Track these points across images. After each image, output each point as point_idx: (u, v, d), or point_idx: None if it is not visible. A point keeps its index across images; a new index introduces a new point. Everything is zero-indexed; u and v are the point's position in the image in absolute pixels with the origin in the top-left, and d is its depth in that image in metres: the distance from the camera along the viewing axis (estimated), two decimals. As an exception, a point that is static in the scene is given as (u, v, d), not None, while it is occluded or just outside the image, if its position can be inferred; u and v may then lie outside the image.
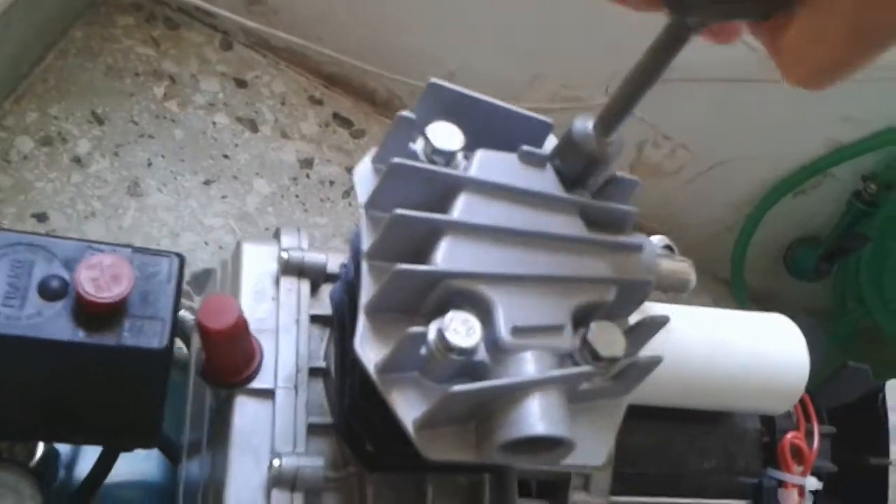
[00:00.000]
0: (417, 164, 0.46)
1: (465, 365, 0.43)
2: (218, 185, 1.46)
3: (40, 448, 0.62)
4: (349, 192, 1.57)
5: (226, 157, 1.49)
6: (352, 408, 0.51)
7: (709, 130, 1.55)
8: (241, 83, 1.59)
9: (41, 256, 0.46)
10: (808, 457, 0.73)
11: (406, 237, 0.45)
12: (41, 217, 1.30)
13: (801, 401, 0.73)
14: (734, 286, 1.70)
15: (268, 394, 0.55)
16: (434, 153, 0.48)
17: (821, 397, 0.76)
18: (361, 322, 0.44)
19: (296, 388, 0.56)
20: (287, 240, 0.61)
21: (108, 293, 0.44)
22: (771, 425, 0.72)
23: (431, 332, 0.42)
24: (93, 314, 0.45)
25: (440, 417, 0.42)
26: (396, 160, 0.45)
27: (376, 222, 0.48)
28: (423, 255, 0.46)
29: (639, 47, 0.41)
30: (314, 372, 0.58)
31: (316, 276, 0.61)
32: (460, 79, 1.60)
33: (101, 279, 0.45)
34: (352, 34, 1.58)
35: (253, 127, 1.55)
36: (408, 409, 0.43)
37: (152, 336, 0.46)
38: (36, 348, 0.44)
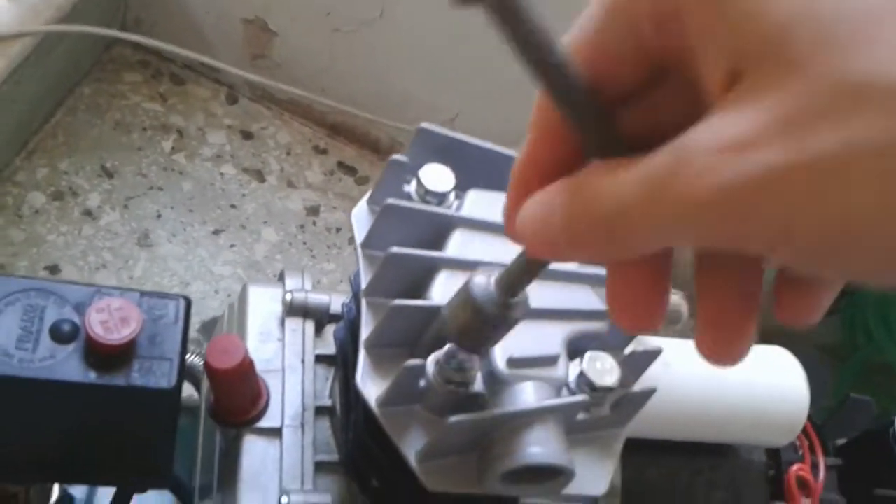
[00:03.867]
0: (410, 204, 0.48)
1: (464, 396, 0.44)
2: (226, 235, 1.48)
3: (55, 492, 0.63)
4: (355, 238, 1.59)
5: (233, 206, 1.52)
6: (356, 443, 0.52)
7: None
8: (247, 135, 1.62)
9: (52, 301, 0.48)
10: (814, 489, 0.73)
11: (402, 274, 0.47)
12: (53, 269, 1.33)
13: (806, 433, 0.74)
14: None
15: (275, 432, 0.56)
16: (427, 194, 0.50)
17: (826, 430, 0.77)
18: (362, 357, 0.46)
19: (302, 426, 0.57)
20: (291, 282, 0.63)
21: (118, 335, 0.46)
22: (776, 458, 0.73)
23: (430, 364, 0.44)
24: (103, 356, 0.46)
25: (441, 449, 0.43)
26: (390, 200, 0.47)
27: (373, 261, 0.49)
28: (419, 291, 0.47)
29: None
30: (320, 410, 0.59)
31: (320, 317, 0.62)
32: (460, 125, 1.64)
33: (111, 321, 0.46)
34: (354, 85, 1.61)
35: (259, 177, 1.58)
36: (410, 441, 0.44)
37: (161, 376, 0.48)
38: (49, 390, 0.45)
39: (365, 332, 0.46)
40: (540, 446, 0.42)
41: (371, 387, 0.45)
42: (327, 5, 1.50)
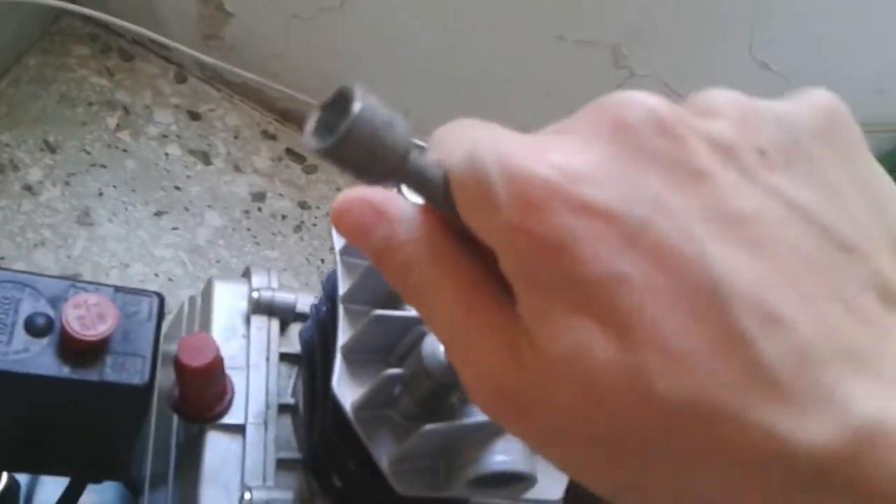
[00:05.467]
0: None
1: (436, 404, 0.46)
2: (169, 217, 1.46)
3: (3, 479, 0.62)
4: (300, 226, 1.58)
5: (178, 188, 1.50)
6: (322, 443, 0.54)
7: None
8: (194, 115, 1.60)
9: (27, 294, 0.48)
10: None
11: (381, 284, 0.48)
12: (-11, 245, 1.30)
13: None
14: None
15: (238, 429, 0.57)
16: (407, 204, 0.51)
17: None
18: (339, 363, 0.47)
19: (265, 423, 0.58)
20: (258, 279, 0.64)
21: (94, 331, 0.46)
22: None
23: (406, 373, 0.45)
24: (77, 351, 0.47)
25: (413, 454, 0.45)
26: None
27: (351, 268, 0.51)
28: (396, 300, 0.49)
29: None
30: (283, 408, 0.60)
31: (285, 316, 0.63)
32: (414, 118, 1.65)
33: (87, 317, 0.46)
34: (307, 72, 1.61)
35: (206, 159, 1.56)
36: (381, 445, 0.46)
37: (133, 372, 0.48)
38: (22, 382, 0.45)
39: (342, 339, 0.48)
40: (507, 455, 0.44)
41: (346, 392, 0.47)
42: (287, -10, 1.49)
